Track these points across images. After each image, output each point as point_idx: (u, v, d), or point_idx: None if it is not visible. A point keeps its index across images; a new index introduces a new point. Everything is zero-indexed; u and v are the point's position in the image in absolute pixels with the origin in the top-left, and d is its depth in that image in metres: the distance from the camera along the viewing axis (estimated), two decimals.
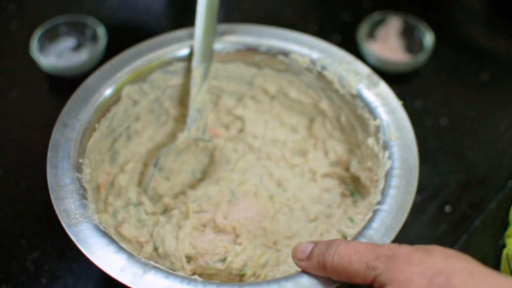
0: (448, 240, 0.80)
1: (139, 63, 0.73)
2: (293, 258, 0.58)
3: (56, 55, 0.94)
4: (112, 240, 0.59)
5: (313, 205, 0.74)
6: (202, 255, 0.67)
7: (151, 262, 0.57)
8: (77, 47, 0.96)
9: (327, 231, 0.70)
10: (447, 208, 0.83)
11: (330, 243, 0.55)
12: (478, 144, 0.89)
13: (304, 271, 0.57)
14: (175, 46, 0.75)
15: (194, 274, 0.66)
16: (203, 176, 0.78)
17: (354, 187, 0.76)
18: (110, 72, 0.72)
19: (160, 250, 0.67)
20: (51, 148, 0.65)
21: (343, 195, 0.75)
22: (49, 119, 0.84)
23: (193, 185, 0.77)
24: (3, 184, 0.83)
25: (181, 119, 0.79)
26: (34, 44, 0.92)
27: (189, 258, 0.67)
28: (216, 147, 0.78)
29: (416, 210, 0.81)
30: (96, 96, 0.70)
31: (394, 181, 0.64)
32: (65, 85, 0.92)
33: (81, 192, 0.63)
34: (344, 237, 0.68)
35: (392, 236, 0.61)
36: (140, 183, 0.76)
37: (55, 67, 0.91)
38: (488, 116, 0.93)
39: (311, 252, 0.56)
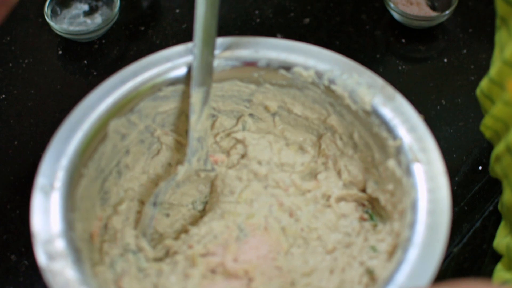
0: (482, 200, 0.78)
1: (124, 92, 0.65)
2: None
3: (69, 18, 0.91)
4: None
5: (330, 234, 0.67)
6: None
7: None
8: (91, 10, 0.92)
9: (349, 265, 0.64)
10: (480, 167, 0.80)
11: None
12: None
13: None
14: (162, 68, 0.66)
15: None
16: (205, 207, 0.71)
17: (372, 209, 0.69)
18: (94, 105, 0.63)
19: None
20: (35, 206, 0.57)
21: (361, 219, 0.68)
22: (64, 86, 0.88)
23: (195, 219, 0.70)
24: (20, 155, 0.81)
25: (175, 145, 0.71)
26: (47, 8, 0.88)
27: None
28: (217, 176, 0.70)
29: (449, 170, 0.77)
30: (80, 136, 0.62)
31: (423, 213, 0.58)
32: (80, 49, 0.91)
33: (76, 255, 0.55)
34: (369, 272, 0.62)
35: (426, 279, 0.55)
36: (136, 223, 0.68)
37: (69, 31, 0.88)
38: None
39: None
